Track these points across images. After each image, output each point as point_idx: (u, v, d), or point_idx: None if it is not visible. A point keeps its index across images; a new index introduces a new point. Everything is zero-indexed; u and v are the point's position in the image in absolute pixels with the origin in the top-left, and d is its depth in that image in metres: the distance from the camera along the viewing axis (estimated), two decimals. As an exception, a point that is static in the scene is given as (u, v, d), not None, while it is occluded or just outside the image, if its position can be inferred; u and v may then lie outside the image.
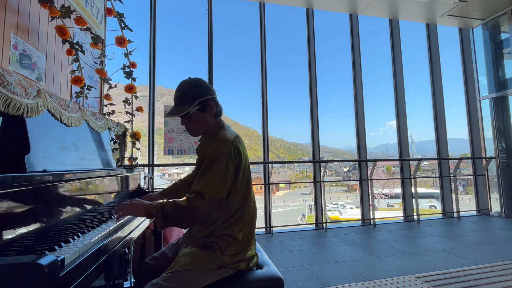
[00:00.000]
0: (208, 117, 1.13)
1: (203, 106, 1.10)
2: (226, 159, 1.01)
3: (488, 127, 4.58)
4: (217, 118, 1.16)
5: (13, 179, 0.71)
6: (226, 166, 1.01)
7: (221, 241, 1.03)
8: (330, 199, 14.04)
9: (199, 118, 1.11)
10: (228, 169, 1.01)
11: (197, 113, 1.10)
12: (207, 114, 1.12)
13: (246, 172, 1.11)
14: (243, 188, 1.09)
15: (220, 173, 1.00)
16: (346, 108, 6.71)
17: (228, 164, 1.01)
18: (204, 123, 1.13)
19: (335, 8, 4.31)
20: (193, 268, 0.97)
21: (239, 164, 1.06)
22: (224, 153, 1.01)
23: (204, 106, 1.10)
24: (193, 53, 12.74)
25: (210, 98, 1.11)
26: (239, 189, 1.07)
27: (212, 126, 1.14)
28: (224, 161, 1.01)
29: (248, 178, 1.13)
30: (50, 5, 1.60)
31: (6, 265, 0.54)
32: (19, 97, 0.87)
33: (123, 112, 2.40)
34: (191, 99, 1.08)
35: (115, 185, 1.46)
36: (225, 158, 1.01)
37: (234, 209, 1.07)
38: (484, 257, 2.45)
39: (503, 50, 4.49)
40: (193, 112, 1.10)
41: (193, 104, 1.07)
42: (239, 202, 1.08)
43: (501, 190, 4.36)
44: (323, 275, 2.14)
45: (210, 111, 1.12)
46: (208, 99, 1.11)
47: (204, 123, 1.13)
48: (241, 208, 1.08)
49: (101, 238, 0.90)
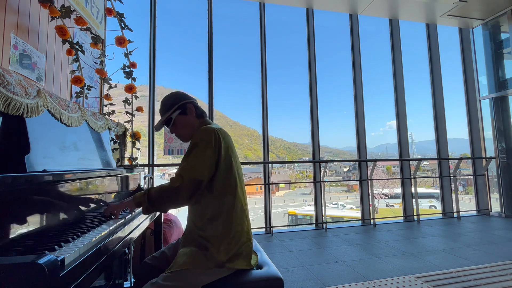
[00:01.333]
0: (191, 119, 1.22)
1: (183, 110, 1.21)
2: (206, 144, 1.07)
3: (488, 127, 4.58)
4: (200, 119, 1.24)
5: (13, 179, 0.71)
6: (205, 149, 1.07)
7: (213, 235, 1.05)
8: (330, 199, 14.05)
9: (183, 121, 1.21)
10: (207, 152, 1.07)
11: (179, 117, 1.21)
12: (189, 116, 1.22)
13: (231, 162, 1.13)
14: (228, 178, 1.11)
15: (199, 155, 1.06)
16: (346, 108, 6.71)
17: (207, 148, 1.07)
18: (188, 125, 1.22)
19: (335, 8, 4.31)
20: (191, 268, 0.98)
21: (220, 150, 1.10)
22: (203, 139, 1.08)
23: (184, 109, 1.21)
24: (193, 53, 12.75)
25: (187, 102, 1.22)
26: (225, 179, 1.09)
27: (197, 126, 1.22)
28: (203, 145, 1.07)
29: (235, 169, 1.14)
30: (50, 5, 1.60)
31: (6, 265, 0.54)
32: (19, 97, 0.87)
33: (123, 112, 2.40)
34: (170, 106, 1.20)
35: (115, 185, 1.46)
36: (204, 143, 1.08)
37: (221, 200, 1.09)
38: (484, 257, 2.45)
39: (503, 50, 4.49)
40: (175, 117, 1.20)
41: (172, 109, 1.19)
42: (226, 194, 1.10)
43: (501, 190, 4.36)
44: (323, 275, 2.14)
45: (190, 112, 1.22)
46: (186, 103, 1.21)
47: (189, 125, 1.22)
48: (229, 200, 1.10)
49: (101, 238, 0.90)
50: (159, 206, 1.06)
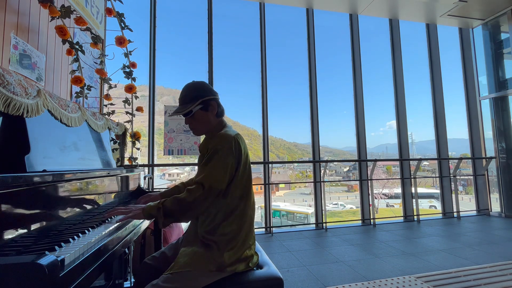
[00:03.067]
0: (210, 117, 1.18)
1: (205, 106, 1.16)
2: (227, 152, 1.05)
3: (488, 127, 4.58)
4: (219, 118, 1.21)
5: (13, 179, 0.71)
6: (227, 158, 1.04)
7: (220, 239, 1.03)
8: (330, 199, 14.04)
9: (202, 117, 1.16)
10: (229, 161, 1.04)
11: (200, 112, 1.16)
12: (209, 114, 1.17)
13: (247, 169, 1.13)
14: (243, 185, 1.10)
15: (220, 164, 1.03)
16: (346, 108, 6.71)
17: (228, 156, 1.05)
18: (206, 122, 1.18)
19: (335, 8, 4.31)
20: (192, 269, 0.97)
21: (239, 158, 1.09)
22: (225, 147, 1.05)
23: (206, 106, 1.16)
24: (193, 53, 12.74)
25: (212, 98, 1.17)
26: (239, 186, 1.09)
27: (214, 125, 1.19)
28: (225, 154, 1.04)
29: (249, 176, 1.14)
30: (50, 5, 1.60)
31: (6, 265, 0.54)
32: (19, 97, 0.87)
33: (123, 112, 2.40)
34: (194, 99, 1.14)
35: (115, 185, 1.46)
36: (226, 151, 1.05)
37: (234, 206, 1.08)
38: (484, 257, 2.45)
39: (503, 50, 4.49)
40: (196, 111, 1.15)
41: (195, 103, 1.13)
42: (239, 199, 1.09)
43: (501, 190, 4.36)
44: (323, 275, 2.14)
45: (212, 110, 1.17)
46: (210, 99, 1.16)
47: (207, 122, 1.18)
48: (241, 206, 1.09)
49: (101, 238, 0.90)
50: (177, 219, 1.01)
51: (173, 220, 1.00)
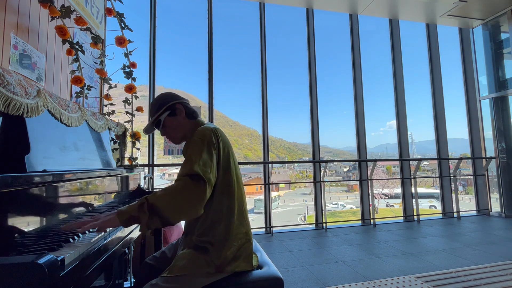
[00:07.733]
0: (181, 120, 1.15)
1: (172, 111, 1.15)
2: (207, 143, 1.01)
3: (488, 127, 4.58)
4: (192, 120, 1.18)
5: (13, 179, 0.71)
6: (208, 147, 1.00)
7: (215, 243, 1.01)
8: (330, 199, 14.03)
9: (172, 123, 1.15)
10: (210, 150, 1.00)
11: (168, 118, 1.15)
12: (178, 117, 1.15)
13: (232, 166, 1.09)
14: (228, 183, 1.06)
15: (203, 152, 0.98)
16: (346, 108, 6.72)
17: (210, 146, 1.01)
18: (179, 127, 1.16)
19: (335, 8, 4.32)
20: (191, 272, 0.96)
21: (219, 150, 1.05)
22: (204, 140, 1.02)
23: (173, 111, 1.15)
24: (193, 53, 12.74)
25: (176, 103, 1.15)
26: (225, 184, 1.05)
27: (190, 128, 1.16)
28: (205, 144, 1.01)
29: (236, 173, 1.11)
30: (50, 5, 1.60)
31: (6, 265, 0.54)
32: (19, 97, 0.87)
33: (123, 112, 2.39)
34: (159, 108, 1.14)
35: (115, 185, 1.46)
36: (206, 142, 1.01)
37: (223, 207, 1.04)
38: (484, 257, 2.45)
39: (503, 50, 4.49)
40: (164, 119, 1.14)
41: (160, 111, 1.13)
42: (227, 200, 1.05)
43: (501, 190, 4.36)
44: (323, 275, 2.14)
45: (179, 113, 1.15)
46: (175, 103, 1.15)
47: (179, 127, 1.16)
48: (230, 206, 1.06)
49: (101, 238, 0.90)
50: (165, 216, 0.86)
51: (161, 219, 0.86)
